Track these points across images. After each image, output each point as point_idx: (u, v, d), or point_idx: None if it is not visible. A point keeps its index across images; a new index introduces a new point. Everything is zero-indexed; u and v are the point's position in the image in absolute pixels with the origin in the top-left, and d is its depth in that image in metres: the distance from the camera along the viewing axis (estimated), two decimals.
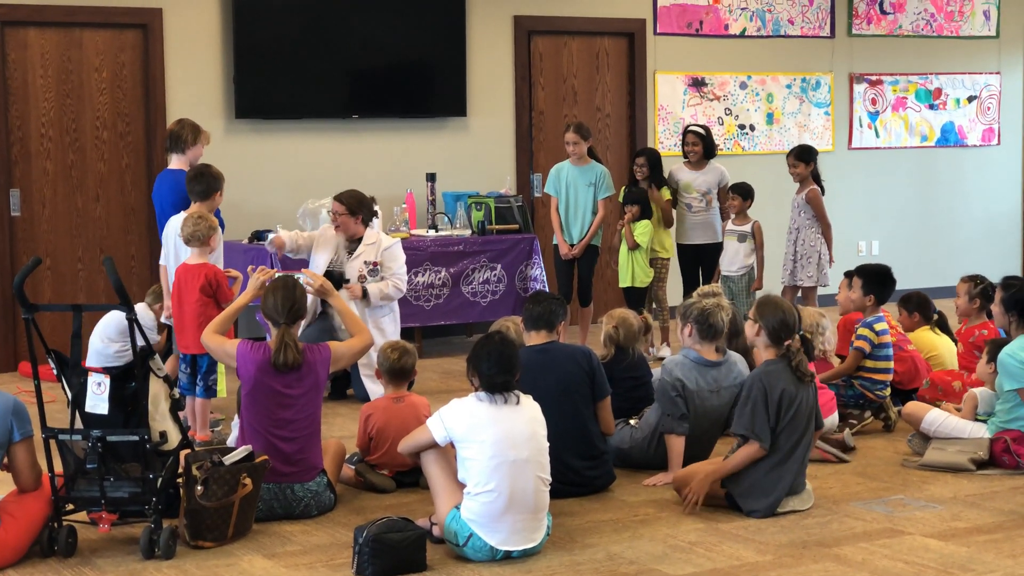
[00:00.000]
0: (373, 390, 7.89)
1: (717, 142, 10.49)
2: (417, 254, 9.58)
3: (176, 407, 5.51)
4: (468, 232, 10.13)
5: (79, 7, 9.55)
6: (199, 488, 5.22)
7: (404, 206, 10.19)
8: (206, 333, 6.00)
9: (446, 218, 10.33)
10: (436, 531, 5.28)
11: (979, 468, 6.37)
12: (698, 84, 11.77)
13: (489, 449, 5.10)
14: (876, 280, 7.44)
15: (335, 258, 8.20)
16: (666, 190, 9.77)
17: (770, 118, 12.11)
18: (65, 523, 5.26)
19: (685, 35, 11.68)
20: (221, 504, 5.26)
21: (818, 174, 9.66)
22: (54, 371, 5.36)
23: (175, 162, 7.77)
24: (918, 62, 12.80)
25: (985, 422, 6.55)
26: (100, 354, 7.90)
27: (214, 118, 9.79)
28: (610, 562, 5.13)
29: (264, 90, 10.07)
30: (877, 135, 12.66)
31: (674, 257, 9.93)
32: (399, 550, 4.95)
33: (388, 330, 8.15)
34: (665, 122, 11.63)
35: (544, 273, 10.03)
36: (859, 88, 12.50)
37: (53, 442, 5.30)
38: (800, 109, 12.24)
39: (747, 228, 9.58)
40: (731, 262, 9.61)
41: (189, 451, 5.49)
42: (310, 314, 7.92)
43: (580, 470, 5.99)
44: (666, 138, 11.57)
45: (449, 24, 10.65)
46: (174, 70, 9.84)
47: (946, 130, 12.99)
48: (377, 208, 8.69)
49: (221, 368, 7.12)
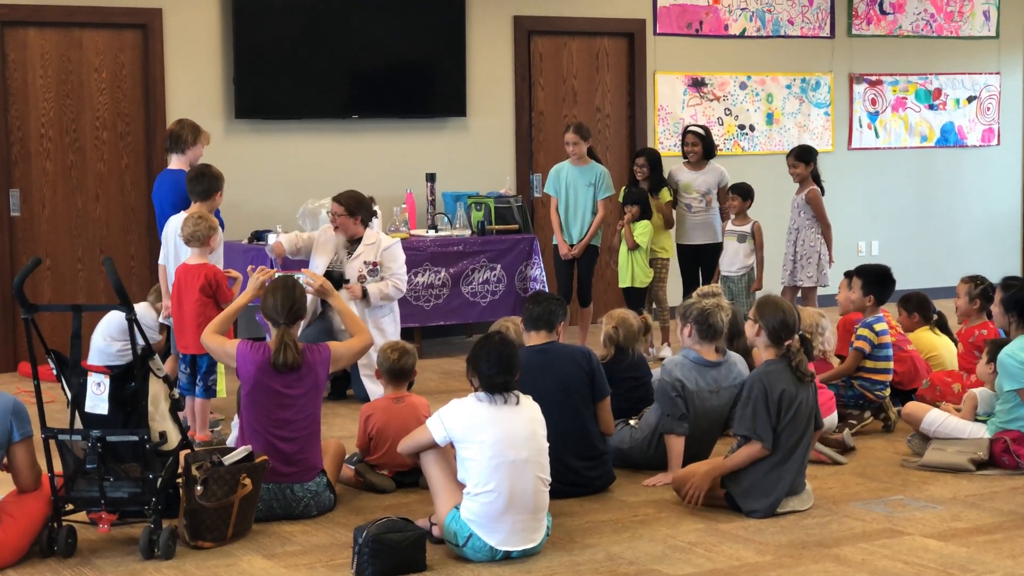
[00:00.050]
0: (373, 390, 7.88)
1: (717, 142, 10.49)
2: (417, 254, 9.57)
3: (176, 407, 5.51)
4: (468, 232, 10.12)
5: (79, 7, 9.55)
6: (199, 488, 5.22)
7: (404, 206, 10.19)
8: (206, 333, 6.00)
9: (446, 218, 10.32)
10: (436, 531, 5.28)
11: (979, 468, 6.36)
12: (698, 84, 11.77)
13: (489, 449, 5.10)
14: (876, 280, 7.44)
15: (335, 258, 8.20)
16: (666, 191, 9.76)
17: (770, 118, 12.11)
18: (65, 523, 5.26)
19: (685, 35, 11.68)
20: (221, 504, 5.26)
21: (818, 174, 9.66)
22: (54, 371, 5.36)
23: (175, 162, 7.77)
24: (918, 62, 12.80)
25: (985, 422, 6.55)
26: (102, 352, 7.90)
27: (214, 118, 9.79)
28: (610, 562, 5.13)
29: (264, 90, 10.07)
30: (877, 135, 12.66)
31: (674, 257, 9.93)
32: (399, 550, 4.95)
33: (388, 330, 8.15)
34: (665, 122, 11.63)
35: (544, 273, 10.03)
36: (859, 88, 12.50)
37: (53, 442, 5.30)
38: (800, 109, 12.24)
39: (747, 228, 9.57)
40: (731, 262, 9.60)
41: (189, 451, 5.49)
42: (310, 314, 7.93)
43: (580, 470, 5.99)
44: (666, 138, 11.57)
45: (449, 24, 10.64)
46: (174, 70, 9.84)
47: (946, 130, 12.99)
48: (377, 208, 8.69)
49: (221, 368, 7.12)
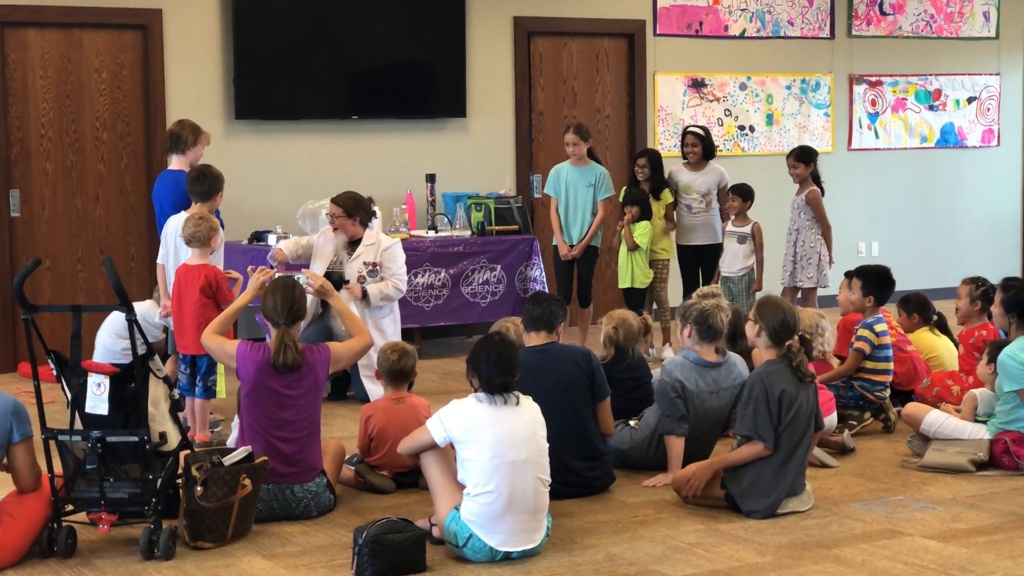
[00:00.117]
0: (373, 391, 7.88)
1: (717, 143, 10.49)
2: (417, 255, 9.57)
3: (175, 408, 5.51)
4: (468, 233, 10.12)
5: (79, 8, 9.55)
6: (199, 489, 5.22)
7: (404, 207, 10.18)
8: (206, 334, 6.00)
9: (446, 219, 10.32)
10: (436, 532, 5.28)
11: (979, 469, 6.36)
12: (698, 85, 11.76)
13: (488, 450, 5.10)
14: (875, 281, 7.44)
15: (335, 259, 8.21)
16: (668, 192, 9.76)
17: (770, 119, 12.11)
18: (64, 524, 5.26)
19: (685, 36, 11.68)
20: (221, 505, 5.26)
21: (818, 175, 9.66)
22: (54, 372, 5.36)
23: (175, 163, 7.77)
24: (918, 63, 12.80)
25: (985, 423, 6.55)
26: (108, 350, 7.91)
27: (214, 119, 9.78)
28: (610, 563, 5.13)
29: (264, 91, 10.07)
30: (877, 136, 12.66)
31: (674, 258, 9.93)
32: (399, 551, 4.95)
33: (388, 331, 8.15)
34: (665, 123, 11.63)
35: (544, 274, 10.03)
36: (859, 89, 12.49)
37: (53, 443, 5.30)
38: (800, 110, 12.24)
39: (747, 229, 9.57)
40: (731, 263, 9.60)
41: (189, 452, 5.49)
42: (310, 315, 7.93)
43: (580, 471, 5.99)
44: (666, 139, 11.57)
45: (449, 25, 10.64)
46: (174, 71, 9.84)
47: (946, 131, 12.99)
48: (376, 209, 8.69)
49: (220, 369, 7.12)
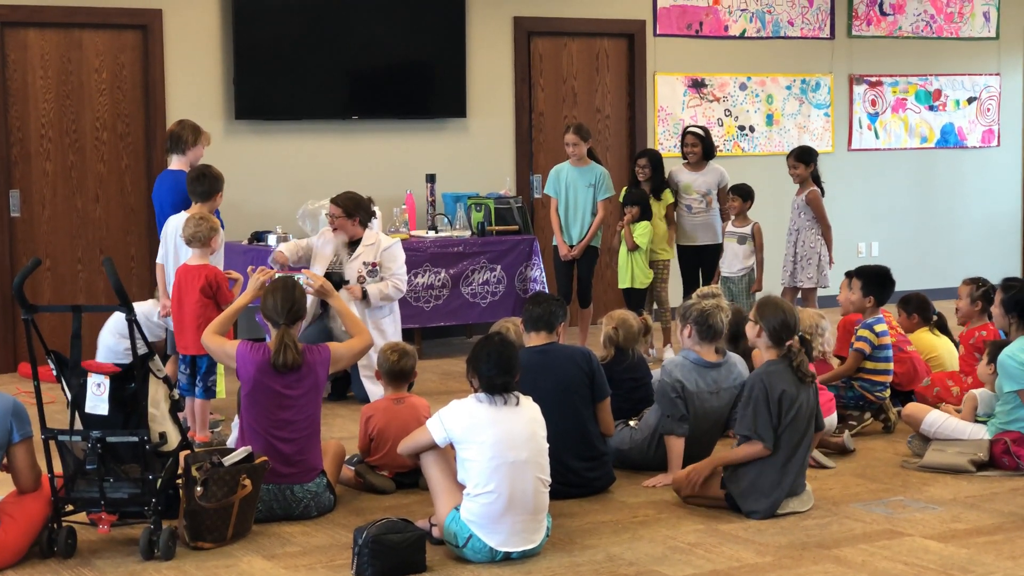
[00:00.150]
0: (373, 391, 7.88)
1: (717, 143, 10.49)
2: (417, 255, 9.57)
3: (175, 408, 5.51)
4: (468, 233, 10.12)
5: (79, 8, 9.55)
6: (199, 489, 5.22)
7: (404, 207, 10.18)
8: (206, 334, 6.01)
9: (446, 219, 10.32)
10: (436, 532, 5.28)
11: (979, 469, 6.36)
12: (698, 85, 11.76)
13: (488, 450, 5.10)
14: (875, 281, 7.43)
15: (335, 260, 8.21)
16: (669, 193, 9.75)
17: (770, 119, 12.11)
18: (64, 524, 5.26)
19: (685, 36, 11.68)
20: (221, 505, 5.26)
21: (818, 175, 9.65)
22: (54, 372, 5.36)
23: (175, 163, 7.77)
24: (918, 63, 12.80)
25: (985, 423, 6.55)
26: (111, 351, 7.91)
27: (214, 119, 9.78)
28: (610, 563, 5.13)
29: (264, 91, 10.07)
30: (877, 136, 12.65)
31: (674, 258, 9.92)
32: (399, 551, 4.95)
33: (388, 331, 8.14)
34: (665, 123, 11.62)
35: (544, 274, 10.03)
36: (859, 89, 12.49)
37: (53, 443, 5.30)
38: (800, 110, 12.24)
39: (747, 230, 9.57)
40: (731, 264, 9.60)
41: (189, 452, 5.49)
42: (309, 315, 7.92)
43: (580, 471, 5.99)
44: (666, 139, 11.57)
45: (449, 25, 10.64)
46: (174, 71, 9.84)
47: (946, 131, 12.99)
48: (376, 209, 8.68)
49: (220, 369, 7.12)
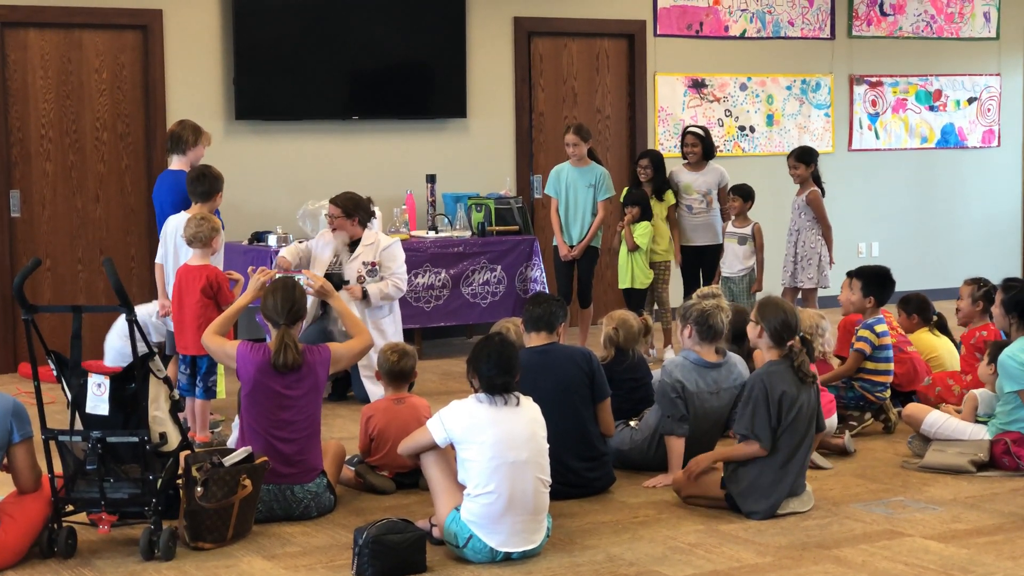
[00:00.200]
0: (373, 391, 7.88)
1: (717, 144, 10.49)
2: (417, 255, 9.57)
3: (176, 408, 5.51)
4: (468, 233, 10.12)
5: (79, 8, 9.55)
6: (199, 489, 5.22)
7: (404, 207, 10.18)
8: (206, 334, 6.01)
9: (446, 219, 10.32)
10: (436, 532, 5.28)
11: (979, 470, 6.36)
12: (698, 85, 11.76)
13: (489, 450, 5.10)
14: (875, 282, 7.43)
15: (335, 260, 8.21)
16: (670, 194, 9.74)
17: (770, 120, 12.11)
18: (65, 524, 5.26)
19: (685, 36, 11.68)
20: (221, 505, 5.26)
21: (818, 176, 9.65)
22: (54, 372, 5.36)
23: (176, 163, 7.77)
24: (918, 64, 12.80)
25: (985, 424, 6.55)
26: (119, 353, 7.91)
27: (214, 119, 9.78)
28: (610, 563, 5.13)
29: (264, 91, 10.07)
30: (877, 137, 12.65)
31: (675, 259, 9.92)
32: (399, 551, 4.95)
33: (388, 331, 8.14)
34: (665, 123, 11.62)
35: (544, 274, 10.03)
36: (859, 90, 12.49)
37: (53, 443, 5.30)
38: (800, 111, 12.24)
39: (747, 230, 9.57)
40: (731, 264, 9.60)
41: (189, 452, 5.49)
42: (309, 316, 7.92)
43: (580, 471, 5.99)
44: (666, 139, 11.57)
45: (449, 25, 10.64)
46: (174, 71, 9.84)
47: (946, 132, 12.99)
48: (376, 209, 8.68)
49: (220, 369, 7.12)
